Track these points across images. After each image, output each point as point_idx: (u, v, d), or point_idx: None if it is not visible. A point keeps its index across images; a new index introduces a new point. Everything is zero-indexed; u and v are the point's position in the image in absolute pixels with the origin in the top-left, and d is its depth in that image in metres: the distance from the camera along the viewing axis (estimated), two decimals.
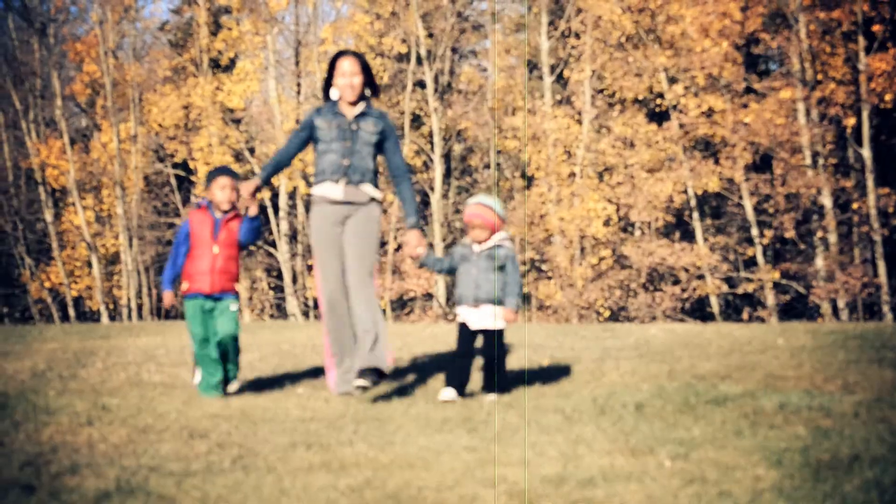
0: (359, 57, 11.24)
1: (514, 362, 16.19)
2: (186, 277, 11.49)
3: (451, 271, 11.39)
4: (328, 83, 11.38)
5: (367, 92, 11.36)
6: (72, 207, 48.15)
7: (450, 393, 11.32)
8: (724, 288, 40.54)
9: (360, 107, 11.21)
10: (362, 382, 11.25)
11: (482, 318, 11.20)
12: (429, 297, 44.83)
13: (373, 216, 11.16)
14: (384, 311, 44.24)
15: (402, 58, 46.69)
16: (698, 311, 42.71)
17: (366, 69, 11.23)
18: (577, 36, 43.97)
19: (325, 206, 11.16)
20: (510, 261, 11.17)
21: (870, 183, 36.84)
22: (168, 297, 11.60)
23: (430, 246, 44.95)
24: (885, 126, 39.92)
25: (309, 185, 46.34)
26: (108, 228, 48.82)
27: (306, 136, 11.37)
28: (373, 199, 11.21)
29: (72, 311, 49.28)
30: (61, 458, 9.01)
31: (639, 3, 40.61)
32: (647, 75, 40.91)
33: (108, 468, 8.49)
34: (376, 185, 11.27)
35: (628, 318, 40.88)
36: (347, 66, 11.12)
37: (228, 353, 11.89)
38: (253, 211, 11.52)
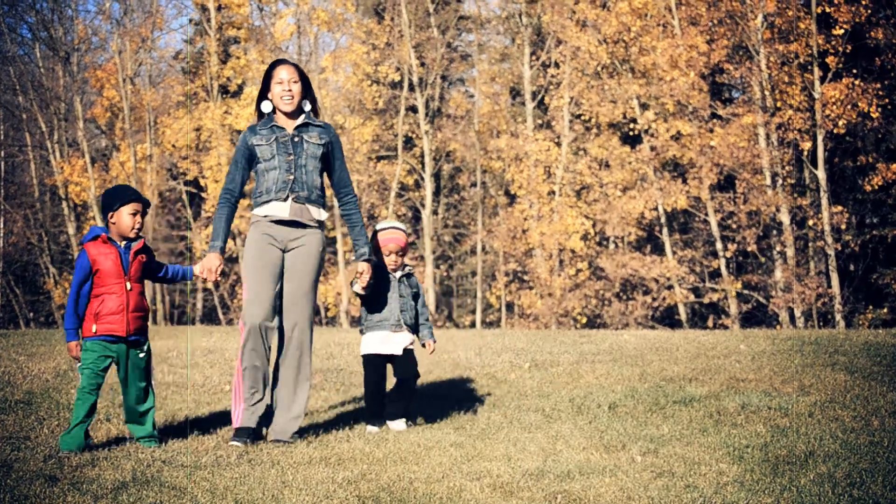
0: (297, 66, 9.62)
1: (498, 366, 16.17)
2: (93, 319, 8.81)
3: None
4: (262, 96, 9.63)
5: (307, 106, 9.63)
6: (92, 221, 48.05)
7: (374, 428, 10.18)
8: (691, 297, 40.53)
9: (302, 117, 9.52)
10: (237, 443, 9.30)
11: (399, 342, 10.09)
12: None
13: (318, 246, 9.46)
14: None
15: (396, 85, 46.66)
16: (667, 318, 42.70)
17: (305, 79, 9.59)
18: (557, 65, 43.98)
19: (268, 226, 9.32)
20: (421, 290, 10.39)
21: (824, 201, 36.88)
22: (74, 349, 8.91)
23: (422, 258, 44.93)
24: (838, 149, 39.97)
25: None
26: None
27: (246, 163, 9.51)
28: (319, 224, 9.49)
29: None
30: (82, 452, 8.99)
31: (614, 35, 40.65)
32: (621, 102, 40.92)
33: (124, 461, 8.48)
34: (323, 207, 9.52)
35: (603, 324, 40.86)
36: (285, 73, 9.45)
37: (140, 407, 9.28)
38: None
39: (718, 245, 39.27)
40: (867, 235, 39.55)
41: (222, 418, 11.11)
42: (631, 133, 42.24)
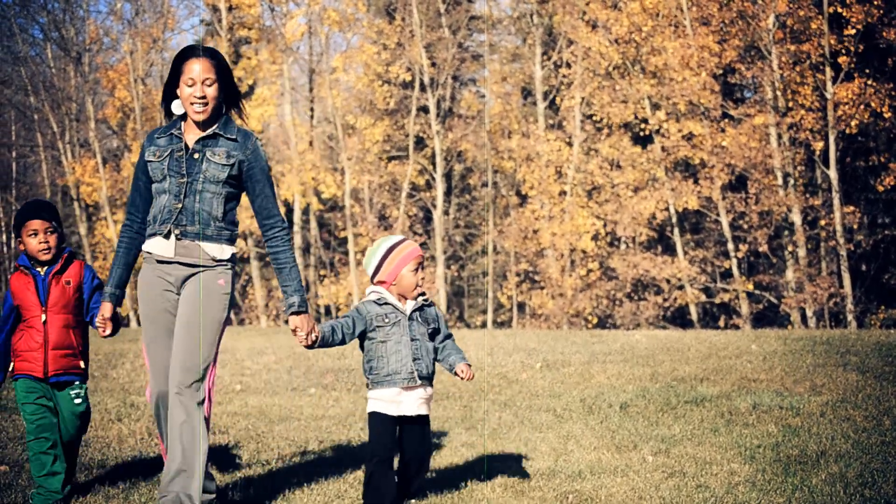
0: (215, 57, 7.16)
1: (509, 366, 16.16)
2: (13, 357, 7.56)
3: (352, 339, 7.25)
4: (169, 93, 7.22)
5: (235, 116, 7.47)
6: (104, 221, 48.12)
7: None
8: (703, 297, 40.48)
9: (213, 127, 7.09)
10: None
11: (419, 401, 7.12)
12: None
13: (216, 285, 7.04)
14: None
15: (407, 85, 46.64)
16: (678, 318, 42.65)
17: (224, 75, 7.17)
18: (569, 66, 43.94)
19: (153, 268, 7.10)
20: (442, 320, 7.45)
21: (836, 201, 36.81)
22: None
23: (433, 259, 44.98)
24: (850, 149, 39.88)
25: (321, 201, 46.41)
26: None
27: (147, 181, 7.17)
28: (220, 262, 7.07)
29: None
30: (93, 451, 9.03)
31: (625, 35, 40.61)
32: (633, 102, 40.87)
33: (135, 460, 8.51)
34: (231, 241, 7.15)
35: (614, 325, 40.84)
36: (198, 69, 6.99)
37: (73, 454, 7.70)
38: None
39: (730, 245, 39.22)
40: (879, 235, 39.47)
41: (234, 419, 11.13)
42: (642, 133, 42.21)
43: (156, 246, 7.02)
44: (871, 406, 10.89)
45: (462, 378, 7.20)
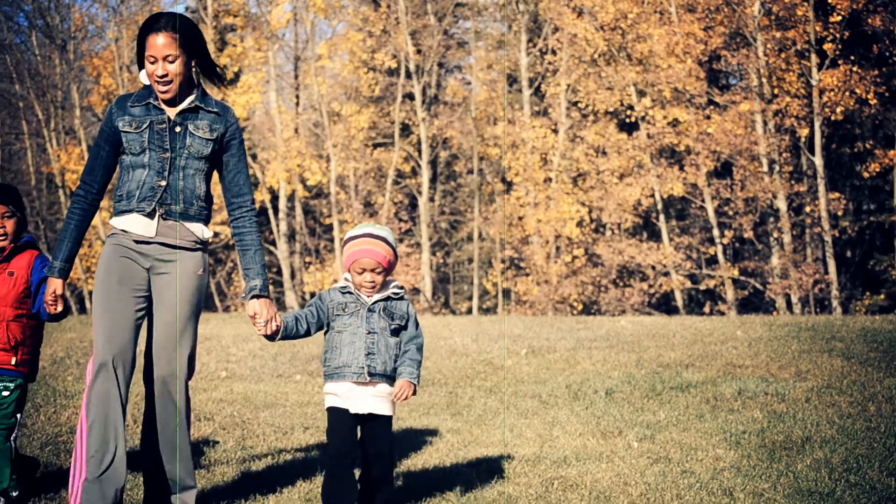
0: (179, 29, 6.50)
1: (495, 353, 16.15)
2: None
3: (318, 329, 6.67)
4: (141, 59, 6.60)
5: (210, 87, 7.13)
6: None
7: None
8: (688, 284, 40.51)
9: (190, 98, 6.57)
10: None
11: (373, 399, 6.50)
12: (416, 291, 44.72)
13: (196, 269, 6.63)
14: None
15: (393, 72, 46.58)
16: (664, 305, 42.69)
17: (194, 44, 6.57)
18: (554, 52, 43.89)
19: (126, 245, 6.50)
20: (412, 320, 6.73)
21: (821, 188, 36.85)
22: None
23: (418, 245, 45.00)
24: (836, 136, 39.94)
25: (307, 188, 46.33)
26: None
27: (112, 150, 6.59)
28: (200, 245, 6.67)
29: (88, 304, 49.17)
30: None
31: (611, 22, 40.58)
32: (618, 89, 40.84)
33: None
34: (206, 222, 6.74)
35: (599, 311, 40.86)
36: (158, 45, 6.41)
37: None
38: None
39: (715, 232, 39.25)
40: (864, 222, 39.58)
41: (219, 405, 11.11)
42: (628, 120, 42.20)
43: (133, 224, 6.48)
44: (855, 392, 10.91)
45: (394, 395, 6.48)
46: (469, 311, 46.39)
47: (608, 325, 20.26)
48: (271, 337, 6.45)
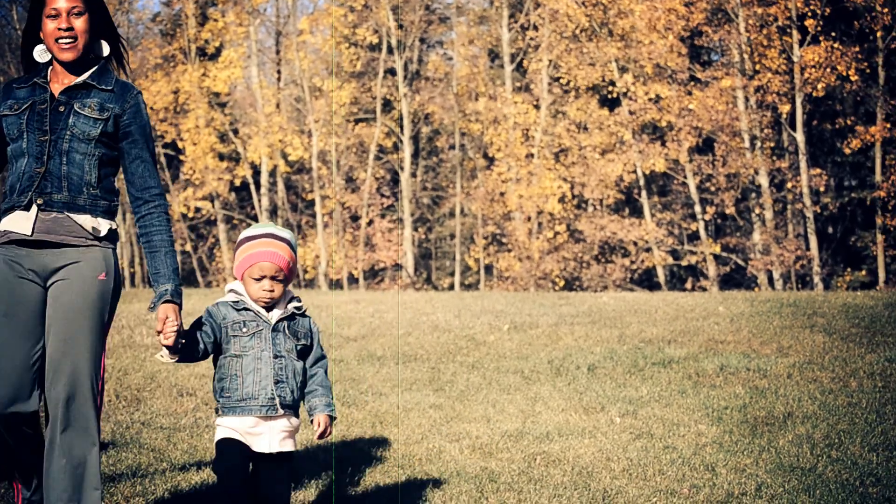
0: None
1: (477, 328, 16.15)
2: None
3: (214, 351, 5.43)
4: (30, 35, 5.61)
5: (105, 51, 5.71)
6: None
7: None
8: (670, 260, 40.60)
9: (85, 75, 5.52)
10: None
11: (280, 435, 5.37)
12: (398, 266, 44.73)
13: (97, 275, 5.38)
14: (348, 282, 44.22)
15: (375, 47, 46.50)
16: (646, 280, 42.77)
17: (98, 8, 5.57)
18: (536, 28, 43.87)
19: (13, 258, 5.35)
20: (317, 339, 5.59)
21: (803, 164, 36.93)
22: None
23: (401, 221, 44.95)
24: (817, 112, 40.04)
25: (288, 163, 46.25)
26: None
27: (2, 139, 5.56)
28: (97, 239, 5.43)
29: None
30: None
31: None
32: (600, 65, 40.84)
33: (103, 423, 8.45)
34: (109, 214, 5.54)
35: (582, 287, 40.92)
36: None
37: None
38: None
39: (697, 208, 39.31)
40: (846, 198, 39.69)
41: (202, 380, 11.09)
42: (609, 96, 42.19)
43: (13, 222, 5.36)
44: (837, 367, 10.94)
45: (316, 434, 5.41)
46: (451, 287, 46.39)
47: (590, 301, 20.28)
48: (174, 348, 5.21)
